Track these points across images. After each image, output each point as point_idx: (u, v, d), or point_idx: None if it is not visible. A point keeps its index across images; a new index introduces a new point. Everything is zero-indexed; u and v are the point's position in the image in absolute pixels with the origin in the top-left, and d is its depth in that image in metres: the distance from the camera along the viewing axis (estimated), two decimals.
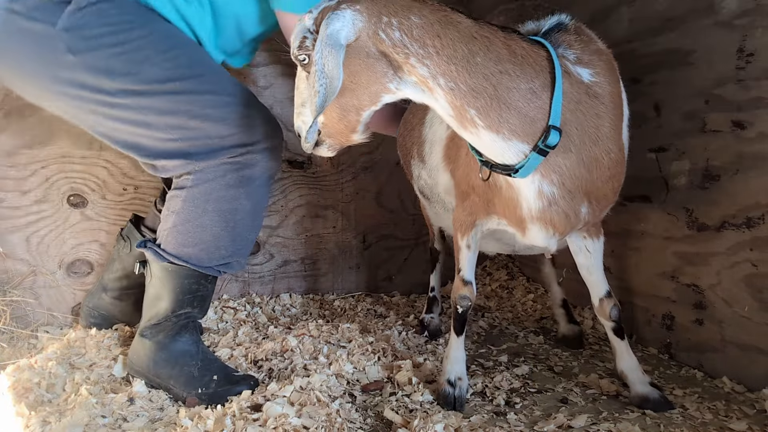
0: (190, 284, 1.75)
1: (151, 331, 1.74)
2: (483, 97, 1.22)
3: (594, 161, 1.34)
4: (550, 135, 1.23)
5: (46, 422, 1.46)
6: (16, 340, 2.09)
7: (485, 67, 1.21)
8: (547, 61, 1.27)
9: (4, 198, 2.23)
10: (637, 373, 1.59)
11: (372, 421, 1.51)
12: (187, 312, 1.77)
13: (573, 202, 1.36)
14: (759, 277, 1.59)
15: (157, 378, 1.70)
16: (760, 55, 1.56)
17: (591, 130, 1.31)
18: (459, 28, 1.22)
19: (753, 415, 1.49)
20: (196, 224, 1.71)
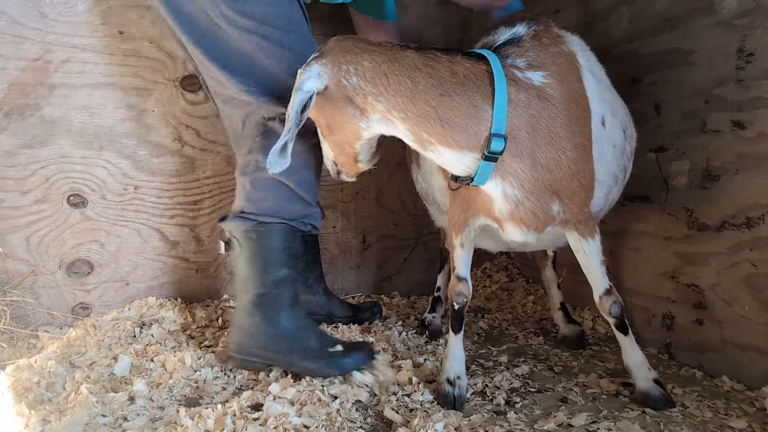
0: (280, 242, 1.71)
1: (257, 306, 1.70)
2: (429, 121, 1.35)
3: (552, 161, 1.40)
4: (492, 143, 1.33)
5: (46, 421, 1.46)
6: (16, 340, 2.09)
7: (426, 93, 1.34)
8: (488, 74, 1.36)
9: (4, 198, 2.23)
10: (641, 369, 1.59)
11: (372, 421, 1.51)
12: (286, 273, 1.72)
13: (540, 201, 1.43)
14: (759, 277, 1.59)
15: (275, 355, 1.66)
16: (760, 55, 1.56)
17: (543, 132, 1.39)
18: (403, 62, 1.35)
19: (753, 414, 1.49)
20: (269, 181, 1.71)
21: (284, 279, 1.73)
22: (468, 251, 1.68)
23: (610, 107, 1.61)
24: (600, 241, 1.59)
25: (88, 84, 2.28)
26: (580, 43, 1.61)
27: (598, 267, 1.60)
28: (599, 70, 1.65)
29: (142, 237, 2.40)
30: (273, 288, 1.71)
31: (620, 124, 1.67)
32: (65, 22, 2.24)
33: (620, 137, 1.66)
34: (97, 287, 2.37)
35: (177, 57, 2.35)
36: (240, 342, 1.71)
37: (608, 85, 1.67)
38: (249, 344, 1.70)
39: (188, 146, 2.41)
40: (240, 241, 1.73)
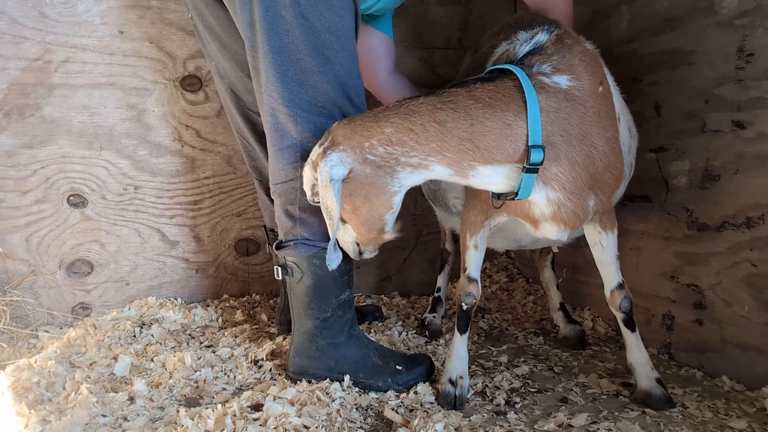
0: (343, 265, 1.67)
1: (322, 330, 1.70)
2: (468, 151, 1.37)
3: (586, 158, 1.42)
4: (531, 154, 1.35)
5: (46, 421, 1.46)
6: (16, 340, 2.09)
7: (457, 129, 1.36)
8: (517, 88, 1.38)
9: (4, 198, 2.23)
10: (645, 367, 1.59)
11: (372, 421, 1.51)
12: (348, 295, 1.73)
13: (580, 200, 1.46)
14: (759, 277, 1.59)
15: (341, 375, 1.67)
16: (760, 55, 1.56)
17: (575, 132, 1.41)
18: (421, 110, 1.38)
19: (753, 414, 1.49)
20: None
21: (347, 300, 1.74)
22: (481, 252, 1.68)
23: (620, 105, 1.63)
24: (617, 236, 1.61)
25: (88, 84, 2.28)
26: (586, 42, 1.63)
27: (613, 261, 1.61)
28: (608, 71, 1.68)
29: (142, 237, 2.40)
30: (337, 310, 1.72)
31: (626, 123, 1.68)
32: (65, 22, 2.24)
33: (627, 135, 1.67)
34: (97, 287, 2.37)
35: (177, 57, 2.35)
36: (303, 365, 1.71)
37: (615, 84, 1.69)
38: (313, 366, 1.70)
39: (188, 146, 2.41)
40: (302, 267, 1.70)
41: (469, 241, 1.67)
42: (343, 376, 1.67)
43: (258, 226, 2.52)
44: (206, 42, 1.94)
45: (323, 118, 1.62)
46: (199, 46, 2.36)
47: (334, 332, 1.72)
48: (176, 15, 2.34)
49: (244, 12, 1.60)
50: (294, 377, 1.70)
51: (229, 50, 1.90)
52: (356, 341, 1.74)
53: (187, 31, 2.35)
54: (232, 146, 2.45)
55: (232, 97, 1.98)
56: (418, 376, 1.70)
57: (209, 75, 2.39)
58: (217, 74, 1.99)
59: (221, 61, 1.94)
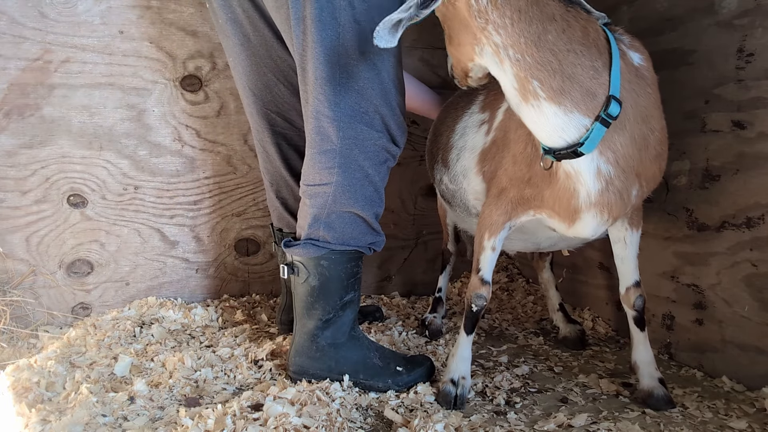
0: (350, 268, 1.72)
1: (323, 330, 1.71)
2: (547, 70, 1.28)
3: (643, 139, 1.39)
4: (611, 105, 1.29)
5: (46, 421, 1.46)
6: (16, 340, 2.09)
7: (555, 45, 1.28)
8: (607, 42, 1.34)
9: (4, 198, 2.24)
10: (649, 367, 1.59)
11: (372, 421, 1.51)
12: (352, 296, 1.74)
13: (627, 182, 1.40)
14: (759, 277, 1.59)
15: (341, 375, 1.68)
16: (760, 55, 1.56)
17: (641, 108, 1.38)
18: (543, 7, 1.28)
19: (753, 414, 1.49)
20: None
21: (350, 301, 1.74)
22: (496, 255, 1.66)
23: None
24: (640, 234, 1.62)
25: (87, 84, 2.28)
26: None
27: (633, 259, 1.62)
28: None
29: (142, 237, 2.40)
30: (340, 311, 1.72)
31: None
32: (65, 22, 2.24)
33: None
34: (97, 287, 2.37)
35: (177, 57, 2.35)
36: (303, 365, 1.71)
37: None
38: (314, 366, 1.70)
39: (188, 146, 2.41)
40: (308, 267, 1.70)
41: (487, 242, 1.64)
42: (343, 376, 1.67)
43: (258, 226, 2.53)
44: (227, 36, 1.88)
45: (364, 125, 1.63)
46: (198, 46, 2.37)
47: (335, 333, 1.72)
48: (176, 15, 2.34)
49: (296, 8, 1.56)
50: (294, 377, 1.70)
51: (253, 46, 1.86)
52: (357, 342, 1.74)
53: (187, 31, 2.35)
54: (232, 146, 2.45)
55: (249, 96, 1.95)
56: (419, 377, 1.70)
57: (209, 75, 2.40)
58: (235, 71, 1.95)
59: (242, 57, 1.89)
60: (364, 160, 1.65)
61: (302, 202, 1.74)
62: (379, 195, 1.73)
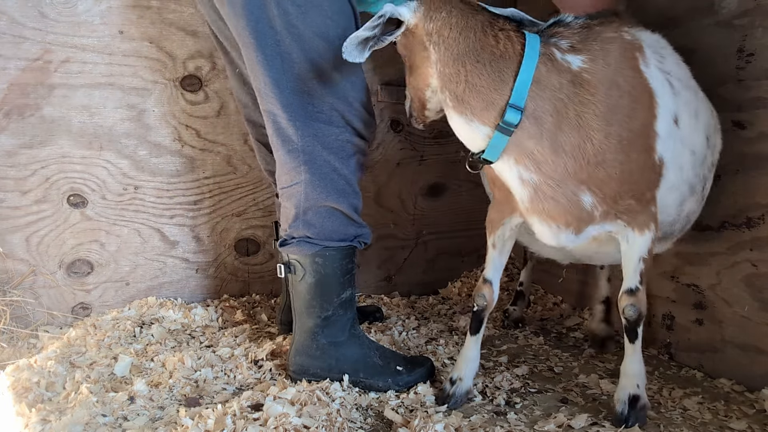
0: (344, 264, 1.74)
1: (323, 328, 1.72)
2: (455, 81, 1.37)
3: (576, 148, 1.35)
4: (507, 113, 1.32)
5: (46, 421, 1.46)
6: (16, 340, 2.09)
7: (466, 57, 1.36)
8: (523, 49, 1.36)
9: (4, 198, 2.23)
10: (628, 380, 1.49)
11: (372, 421, 1.51)
12: (349, 294, 1.76)
13: (562, 188, 1.37)
14: (759, 277, 1.59)
15: (341, 374, 1.69)
16: (760, 55, 1.56)
17: (571, 117, 1.34)
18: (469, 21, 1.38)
19: (753, 415, 1.49)
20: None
21: (348, 299, 1.76)
22: (500, 252, 1.65)
23: (689, 108, 1.50)
24: (651, 238, 1.47)
25: (87, 84, 2.28)
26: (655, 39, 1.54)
27: (634, 262, 1.48)
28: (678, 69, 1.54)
29: (142, 237, 2.40)
30: (338, 309, 1.74)
31: (703, 130, 1.55)
32: (65, 22, 2.23)
33: (701, 144, 1.54)
34: (97, 287, 2.37)
35: (177, 57, 2.35)
36: (303, 364, 1.72)
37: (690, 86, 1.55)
38: (314, 365, 1.71)
39: (188, 146, 2.41)
40: (304, 265, 1.73)
41: (488, 239, 1.65)
42: (343, 375, 1.68)
43: (258, 226, 2.53)
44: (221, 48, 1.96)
45: (322, 123, 1.68)
46: (198, 46, 2.37)
47: (335, 331, 1.73)
48: (176, 15, 2.34)
49: (238, 23, 1.64)
50: (294, 376, 1.71)
51: (227, 52, 1.92)
52: (357, 341, 1.75)
53: (187, 31, 2.35)
54: (232, 146, 2.45)
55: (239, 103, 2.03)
56: (419, 377, 1.71)
57: (209, 75, 2.40)
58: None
59: (225, 61, 1.97)
60: (329, 155, 1.69)
61: (282, 206, 1.79)
62: (352, 188, 1.75)
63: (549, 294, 2.57)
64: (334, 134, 1.69)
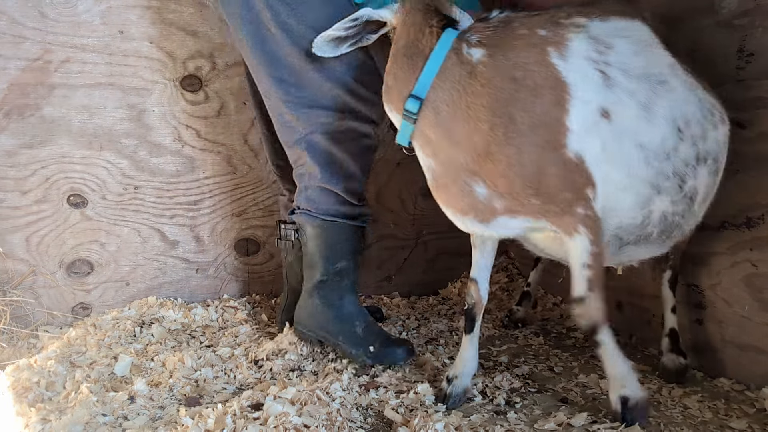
0: (341, 237, 1.91)
1: (318, 290, 1.90)
2: (388, 75, 1.50)
3: (466, 138, 1.39)
4: (407, 102, 1.43)
5: (46, 420, 1.46)
6: (16, 340, 2.09)
7: (397, 52, 1.49)
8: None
9: (4, 198, 2.24)
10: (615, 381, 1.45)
11: (372, 420, 1.51)
12: (344, 265, 1.91)
13: (454, 177, 1.42)
14: (759, 277, 1.59)
15: (326, 334, 1.88)
16: (760, 55, 1.56)
17: (463, 107, 1.39)
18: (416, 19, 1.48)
19: (753, 414, 1.49)
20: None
21: (342, 270, 1.92)
22: (482, 252, 1.65)
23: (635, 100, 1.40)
24: (588, 243, 1.39)
25: (87, 84, 2.28)
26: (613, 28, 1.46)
27: (576, 268, 1.43)
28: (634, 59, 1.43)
29: (142, 237, 2.40)
30: (334, 276, 1.91)
31: (666, 123, 1.43)
32: (65, 22, 2.24)
33: (662, 137, 1.42)
34: (97, 287, 2.37)
35: (177, 57, 2.35)
36: (301, 318, 1.93)
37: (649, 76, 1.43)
38: (308, 321, 1.91)
39: (188, 146, 2.41)
40: (308, 233, 1.92)
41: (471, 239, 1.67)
42: (327, 335, 1.87)
43: (258, 226, 2.53)
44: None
45: (321, 110, 1.81)
46: (198, 46, 2.37)
47: (329, 294, 1.90)
48: (176, 15, 2.34)
49: (239, 33, 1.82)
50: (297, 327, 1.93)
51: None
52: (347, 309, 1.90)
53: (187, 31, 2.35)
54: (232, 146, 2.45)
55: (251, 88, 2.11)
56: (390, 356, 1.81)
57: (209, 75, 2.40)
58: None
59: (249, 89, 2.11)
60: (328, 141, 1.84)
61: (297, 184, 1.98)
62: (351, 171, 1.89)
63: (549, 294, 2.57)
64: (334, 121, 1.82)
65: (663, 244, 1.61)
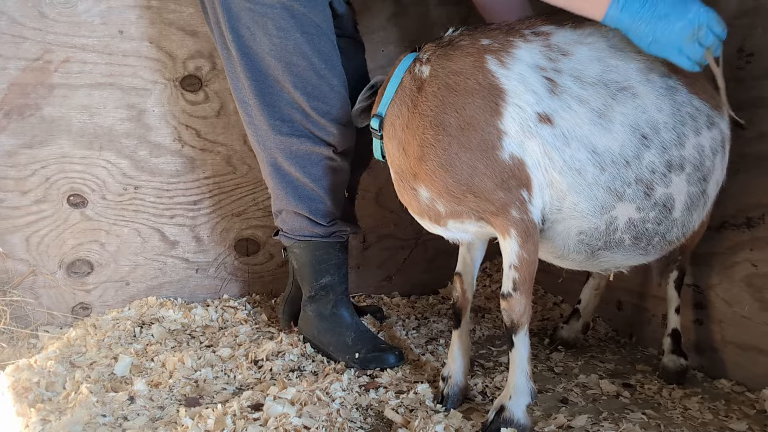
0: (317, 255, 2.00)
1: (309, 303, 2.01)
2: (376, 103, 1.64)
3: (408, 144, 1.50)
4: (372, 120, 1.60)
5: (46, 420, 1.46)
6: (16, 340, 2.09)
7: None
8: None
9: (4, 198, 2.24)
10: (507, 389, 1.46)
11: (372, 421, 1.51)
12: (328, 280, 2.00)
13: (404, 182, 1.55)
14: (759, 277, 1.59)
15: (319, 343, 1.96)
16: (760, 55, 1.56)
17: (405, 118, 1.51)
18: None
19: (753, 416, 1.49)
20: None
21: (328, 285, 2.01)
22: (468, 249, 1.67)
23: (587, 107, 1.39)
24: (517, 246, 1.41)
25: (87, 84, 2.28)
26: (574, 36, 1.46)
27: (506, 267, 1.44)
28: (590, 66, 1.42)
29: (142, 237, 2.40)
30: (320, 291, 2.01)
31: (625, 130, 1.40)
32: (65, 22, 2.24)
33: (617, 142, 1.39)
34: (97, 287, 2.37)
35: (177, 57, 2.35)
36: (300, 325, 2.05)
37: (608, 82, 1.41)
38: (305, 329, 2.03)
39: (188, 146, 2.41)
40: (291, 253, 2.05)
41: None
42: (320, 344, 1.95)
43: (258, 226, 2.52)
44: None
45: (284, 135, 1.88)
46: (198, 46, 2.37)
47: (319, 308, 1.99)
48: (176, 15, 2.34)
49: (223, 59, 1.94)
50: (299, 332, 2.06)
51: None
52: (338, 320, 1.97)
53: (187, 31, 2.35)
54: (232, 146, 2.45)
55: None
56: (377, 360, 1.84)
57: (209, 75, 2.39)
58: None
59: None
60: (291, 164, 1.91)
61: None
62: (316, 193, 1.94)
63: (549, 294, 2.57)
64: (295, 144, 1.89)
65: (647, 251, 1.53)
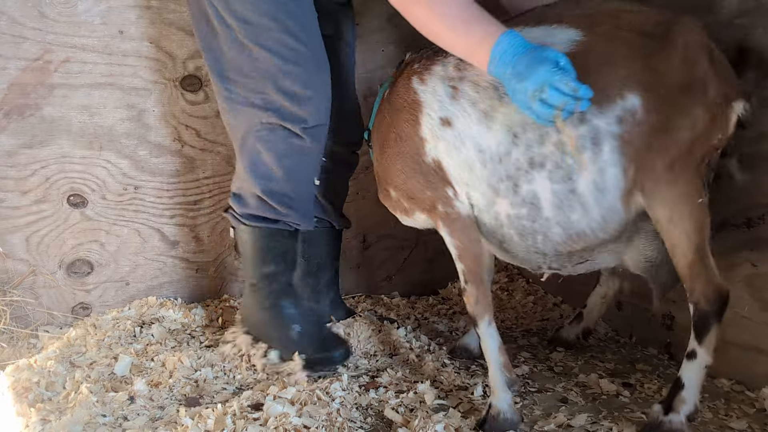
0: (263, 242, 1.87)
1: (251, 290, 1.90)
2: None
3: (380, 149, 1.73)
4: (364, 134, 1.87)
5: (46, 420, 1.46)
6: (16, 340, 2.09)
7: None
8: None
9: (4, 198, 2.24)
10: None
11: (372, 420, 1.51)
12: (271, 270, 1.87)
13: (381, 184, 1.79)
14: (759, 277, 1.59)
15: (261, 336, 1.85)
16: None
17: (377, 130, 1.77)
18: None
19: (753, 414, 1.49)
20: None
21: (269, 274, 1.88)
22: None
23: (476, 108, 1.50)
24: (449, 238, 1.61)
25: (87, 84, 2.28)
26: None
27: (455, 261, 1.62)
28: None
29: (142, 237, 2.40)
30: (261, 280, 1.88)
31: (503, 126, 1.47)
32: (65, 22, 2.24)
33: (495, 140, 1.48)
34: (97, 287, 2.37)
35: (177, 57, 2.35)
36: (242, 315, 1.94)
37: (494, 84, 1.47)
38: (247, 320, 1.91)
39: (188, 146, 2.41)
40: (236, 235, 1.93)
41: None
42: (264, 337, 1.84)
43: None
44: None
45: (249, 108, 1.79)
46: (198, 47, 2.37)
47: (260, 298, 1.88)
48: (176, 15, 2.33)
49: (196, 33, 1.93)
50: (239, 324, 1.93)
51: None
52: (278, 312, 1.86)
53: (187, 31, 2.35)
54: (232, 146, 2.45)
55: None
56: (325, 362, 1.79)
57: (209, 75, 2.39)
58: None
59: None
60: (256, 140, 1.80)
61: None
62: (275, 173, 1.81)
63: (549, 294, 2.57)
64: (262, 118, 1.78)
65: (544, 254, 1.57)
